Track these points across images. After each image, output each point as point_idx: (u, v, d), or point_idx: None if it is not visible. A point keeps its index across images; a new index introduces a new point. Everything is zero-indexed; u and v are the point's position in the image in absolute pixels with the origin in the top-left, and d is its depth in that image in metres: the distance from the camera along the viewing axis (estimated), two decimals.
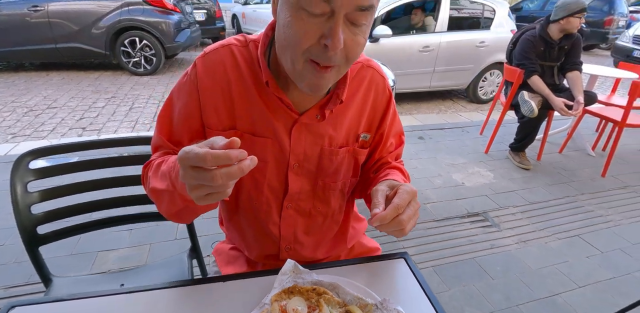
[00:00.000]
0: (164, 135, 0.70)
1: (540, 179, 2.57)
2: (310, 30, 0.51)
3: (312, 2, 0.48)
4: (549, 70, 2.63)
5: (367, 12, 0.51)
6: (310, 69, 0.54)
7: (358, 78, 0.71)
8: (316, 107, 0.67)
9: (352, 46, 0.53)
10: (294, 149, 0.69)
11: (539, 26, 2.55)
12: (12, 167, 0.92)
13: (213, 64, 0.65)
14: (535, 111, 2.49)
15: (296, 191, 0.74)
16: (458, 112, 4.20)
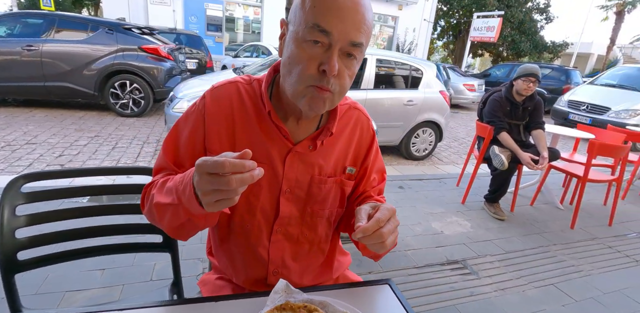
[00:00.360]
0: (169, 158, 0.75)
1: (515, 229, 2.66)
2: (311, 59, 0.61)
3: (314, 35, 0.60)
4: (516, 128, 2.88)
5: (358, 48, 0.62)
6: (310, 90, 0.64)
7: (346, 117, 0.81)
8: (309, 139, 0.75)
9: (343, 76, 0.64)
10: (287, 175, 0.75)
11: (504, 89, 2.86)
12: (4, 189, 0.91)
13: (220, 96, 0.74)
14: (505, 164, 2.67)
15: (286, 215, 0.79)
16: (435, 164, 4.40)
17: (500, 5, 16.65)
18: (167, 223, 0.66)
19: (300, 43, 0.62)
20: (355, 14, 0.60)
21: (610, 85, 7.34)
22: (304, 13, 0.61)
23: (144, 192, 0.74)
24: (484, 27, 13.44)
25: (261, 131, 0.74)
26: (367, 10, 0.62)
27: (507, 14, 16.45)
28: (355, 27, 0.60)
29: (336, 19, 0.59)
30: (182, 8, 11.70)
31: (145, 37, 5.38)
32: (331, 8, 0.59)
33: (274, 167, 0.74)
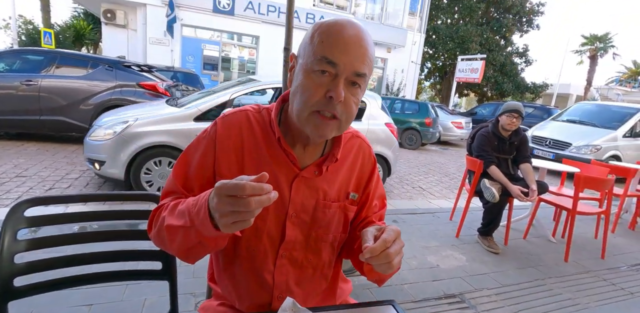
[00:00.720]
0: (179, 181, 0.78)
1: (510, 263, 2.64)
2: (319, 87, 0.67)
3: (322, 65, 0.66)
4: (504, 162, 2.98)
5: (362, 78, 0.69)
6: (315, 118, 0.69)
7: (349, 144, 0.86)
8: (314, 164, 0.79)
9: (349, 102, 0.69)
10: (293, 199, 0.78)
11: (491, 124, 3.00)
12: (7, 213, 0.91)
13: (230, 123, 0.79)
14: (496, 196, 2.73)
15: (292, 240, 0.80)
16: (428, 199, 4.43)
17: (483, 49, 17.81)
18: (178, 245, 0.67)
19: (309, 73, 0.68)
20: (358, 48, 0.67)
21: (572, 121, 7.56)
22: (312, 47, 0.67)
23: (152, 215, 0.76)
24: (468, 69, 14.24)
25: (269, 157, 0.77)
26: (369, 45, 0.69)
27: (489, 57, 17.55)
28: (359, 59, 0.67)
29: (342, 52, 0.66)
30: (179, 48, 12.21)
31: (144, 74, 5.57)
32: (338, 43, 0.66)
33: (281, 191, 0.77)
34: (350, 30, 0.67)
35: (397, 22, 16.41)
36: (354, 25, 0.69)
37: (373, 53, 0.71)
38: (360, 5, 15.81)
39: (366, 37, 0.69)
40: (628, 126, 6.81)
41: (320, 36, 0.67)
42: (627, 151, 6.69)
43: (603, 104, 8.55)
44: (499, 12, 19.78)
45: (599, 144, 6.48)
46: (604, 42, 25.21)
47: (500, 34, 19.62)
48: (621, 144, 6.68)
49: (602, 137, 6.59)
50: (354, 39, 0.67)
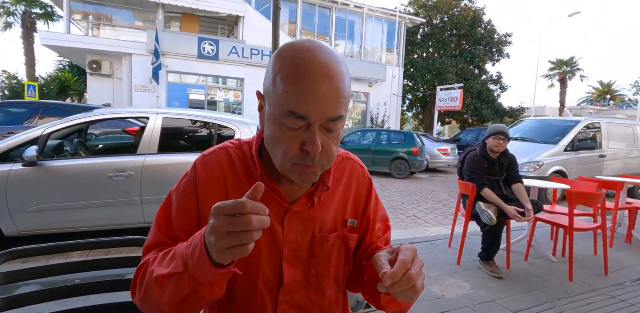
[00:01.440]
0: (162, 232, 0.71)
1: (516, 287, 2.56)
2: (292, 141, 0.61)
3: (292, 121, 0.59)
4: (496, 183, 3.00)
5: (339, 121, 0.62)
6: (297, 169, 0.64)
7: (340, 169, 0.81)
8: (305, 196, 0.73)
9: (329, 148, 0.63)
10: (287, 237, 0.72)
11: (479, 148, 3.06)
12: None
13: (211, 163, 0.73)
14: (493, 219, 2.70)
15: (291, 282, 0.73)
16: (423, 227, 4.37)
17: (459, 79, 18.70)
18: (168, 299, 0.59)
19: (279, 125, 0.61)
20: (329, 93, 0.58)
21: (515, 139, 7.15)
22: (277, 97, 0.60)
23: (136, 277, 0.67)
24: (447, 98, 14.82)
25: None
26: (341, 81, 0.60)
27: (466, 86, 18.38)
28: (332, 104, 0.59)
29: (311, 103, 0.58)
30: (165, 94, 12.46)
31: (130, 119, 5.59)
32: (304, 93, 0.57)
33: (273, 231, 0.71)
34: (316, 67, 0.58)
35: (376, 58, 17.26)
36: (321, 58, 0.59)
37: (348, 85, 0.62)
38: (340, 45, 16.67)
39: (337, 69, 0.60)
40: (568, 140, 6.53)
41: (283, 83, 0.59)
42: (572, 166, 6.44)
43: (544, 119, 8.32)
44: (470, 45, 21.05)
45: (540, 160, 6.18)
46: (570, 66, 26.81)
47: (474, 64, 20.74)
48: (564, 158, 6.39)
49: (543, 152, 6.31)
50: (322, 79, 0.58)
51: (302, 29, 15.43)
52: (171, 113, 3.45)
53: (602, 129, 6.99)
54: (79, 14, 14.04)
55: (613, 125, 7.25)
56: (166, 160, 3.21)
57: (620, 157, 7.14)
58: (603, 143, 6.91)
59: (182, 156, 3.32)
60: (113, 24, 14.37)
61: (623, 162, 7.16)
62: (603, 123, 7.09)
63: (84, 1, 13.28)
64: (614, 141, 7.07)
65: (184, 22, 14.05)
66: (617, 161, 7.05)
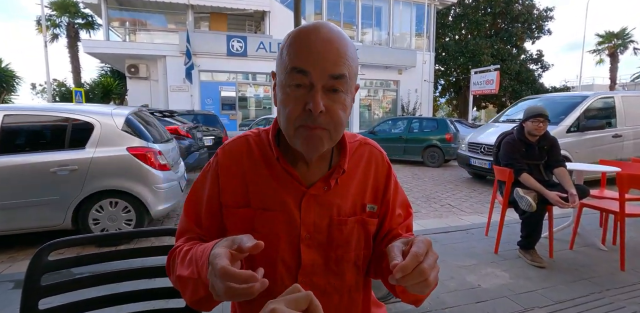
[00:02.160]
0: (190, 219, 0.77)
1: (559, 277, 2.43)
2: (296, 100, 0.64)
3: (294, 78, 0.63)
4: (536, 168, 2.84)
5: (341, 80, 0.64)
6: (301, 130, 0.65)
7: (358, 153, 0.81)
8: (322, 180, 0.74)
9: (333, 110, 0.64)
10: (304, 220, 0.73)
11: (515, 131, 2.90)
12: (31, 259, 0.94)
13: (231, 151, 0.78)
14: (533, 205, 2.57)
15: (309, 264, 0.74)
16: (458, 216, 4.25)
17: (495, 60, 17.77)
18: (189, 296, 0.66)
19: (285, 89, 0.65)
20: (330, 50, 0.62)
21: (512, 121, 6.41)
22: (282, 61, 0.65)
23: (169, 259, 0.75)
24: (482, 81, 14.14)
25: (272, 179, 0.74)
26: (342, 44, 0.64)
27: (503, 67, 17.44)
28: (333, 61, 0.62)
29: (312, 58, 0.61)
30: (198, 92, 12.88)
31: (167, 119, 5.85)
32: (304, 49, 0.62)
33: (290, 213, 0.73)
34: (317, 33, 0.63)
35: (405, 44, 16.79)
36: (323, 27, 0.65)
37: (352, 51, 0.66)
38: (367, 33, 16.35)
39: (338, 35, 0.65)
40: (572, 119, 5.59)
41: (288, 48, 0.64)
42: (577, 148, 5.53)
43: (549, 95, 7.29)
44: (506, 23, 19.90)
45: None
46: (621, 38, 24.55)
47: (511, 43, 19.62)
48: (567, 141, 5.47)
49: None
50: (322, 41, 0.62)
51: (327, 18, 15.27)
52: (14, 109, 3.13)
53: (617, 104, 5.96)
54: (116, 21, 14.76)
55: (632, 100, 6.12)
56: (9, 162, 2.92)
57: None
58: (618, 121, 5.91)
59: (29, 156, 3.00)
60: (147, 28, 14.99)
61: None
62: (617, 97, 6.04)
63: (119, 8, 13.93)
64: (633, 118, 6.00)
65: (213, 21, 14.37)
66: (637, 141, 6.00)
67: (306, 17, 14.75)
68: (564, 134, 5.49)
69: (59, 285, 0.95)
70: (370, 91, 16.52)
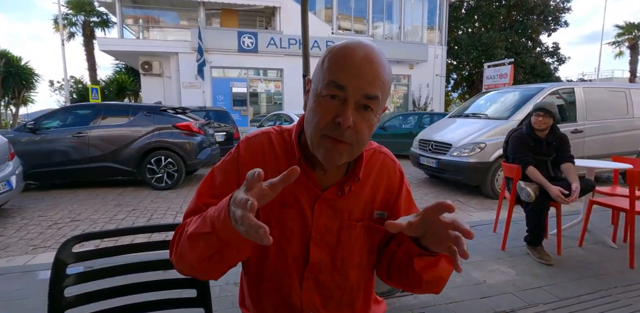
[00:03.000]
0: (202, 200, 0.76)
1: (566, 274, 2.44)
2: (328, 111, 0.66)
3: (331, 89, 0.65)
4: (543, 164, 2.84)
5: (374, 100, 0.66)
6: (325, 141, 0.68)
7: (371, 161, 0.84)
8: (337, 185, 0.78)
9: (360, 127, 0.67)
10: (316, 221, 0.77)
11: (525, 126, 2.93)
12: (57, 250, 1.02)
13: (253, 145, 0.80)
14: (532, 195, 2.62)
15: (316, 262, 0.79)
16: (468, 212, 4.25)
17: (509, 54, 17.41)
18: (198, 255, 0.64)
19: (318, 98, 0.68)
20: (368, 71, 0.65)
21: (465, 115, 5.98)
22: (322, 72, 0.67)
23: (173, 237, 0.75)
24: (496, 75, 13.89)
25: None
26: (381, 66, 0.67)
27: (518, 61, 17.08)
28: (369, 82, 0.65)
29: (351, 75, 0.64)
30: (210, 89, 13.01)
31: (179, 115, 5.97)
32: (346, 66, 0.65)
33: (303, 213, 0.77)
34: (359, 52, 0.66)
35: (416, 38, 16.59)
36: (365, 46, 0.67)
37: (388, 73, 0.68)
38: (379, 27, 16.21)
39: (378, 57, 0.67)
40: (522, 114, 4.95)
41: (329, 61, 0.67)
42: None
43: (507, 88, 6.60)
44: (521, 15, 19.45)
45: (483, 140, 4.89)
46: None
47: (526, 35, 19.18)
48: None
49: (488, 131, 4.98)
50: (363, 60, 0.65)
51: (338, 13, 15.18)
52: None
53: (577, 96, 5.37)
54: (130, 18, 14.96)
55: (594, 91, 5.51)
56: None
57: (606, 131, 5.41)
58: (578, 114, 5.29)
59: None
60: (160, 25, 15.15)
61: (609, 138, 5.42)
62: (578, 89, 5.44)
63: (133, 6, 14.10)
64: (596, 111, 5.38)
65: (224, 18, 14.44)
66: (600, 137, 5.35)
67: (316, 12, 14.71)
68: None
69: (83, 274, 1.03)
70: None
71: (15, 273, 2.47)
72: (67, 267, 1.01)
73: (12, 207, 4.56)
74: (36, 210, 4.41)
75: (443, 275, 0.73)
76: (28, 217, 4.08)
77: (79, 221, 3.90)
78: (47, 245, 3.23)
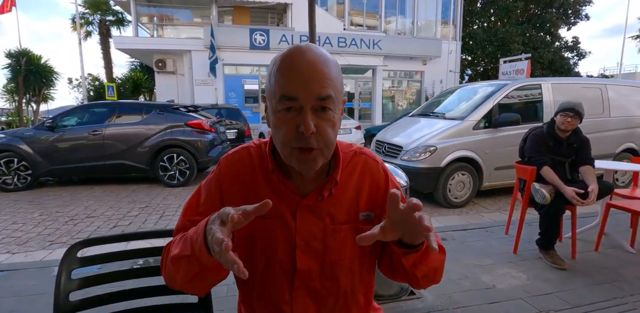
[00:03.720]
0: (187, 217, 0.80)
1: (580, 280, 2.38)
2: (288, 124, 0.68)
3: (284, 103, 0.67)
4: (561, 166, 2.75)
5: (328, 100, 0.68)
6: (295, 153, 0.70)
7: (352, 163, 0.83)
8: (316, 190, 0.78)
9: (323, 129, 0.68)
10: (299, 228, 0.78)
11: (546, 125, 2.82)
12: (63, 255, 1.03)
13: (233, 161, 0.83)
14: (547, 197, 2.53)
15: (305, 269, 0.78)
16: (480, 213, 4.18)
17: (526, 49, 16.96)
18: (182, 276, 0.68)
19: (276, 114, 0.69)
20: (315, 74, 0.66)
21: (425, 114, 5.55)
22: (272, 88, 0.69)
23: (162, 255, 0.78)
24: (512, 70, 13.55)
25: (270, 189, 0.78)
26: (326, 66, 0.68)
27: (535, 56, 16.64)
28: (319, 84, 0.66)
29: (299, 84, 0.66)
30: (222, 86, 13.10)
31: (191, 114, 6.03)
32: (292, 77, 0.66)
33: (286, 222, 0.78)
34: (301, 58, 0.67)
35: (430, 33, 16.33)
36: (306, 51, 0.68)
37: (335, 70, 0.70)
38: (391, 23, 16.01)
39: (320, 58, 0.68)
40: (480, 113, 4.52)
41: (275, 75, 0.68)
42: (487, 148, 4.50)
43: (468, 85, 5.96)
44: (539, 8, 18.91)
45: (433, 143, 4.38)
46: None
47: (544, 30, 18.66)
48: (472, 139, 4.47)
49: (441, 133, 4.50)
50: (306, 65, 0.66)
51: (350, 9, 15.04)
52: None
53: (545, 93, 4.87)
54: (145, 16, 15.14)
55: (563, 88, 5.01)
56: None
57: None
58: (545, 114, 4.79)
59: None
60: (174, 23, 15.29)
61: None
62: (546, 85, 4.92)
63: (147, 4, 14.26)
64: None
65: (236, 15, 14.48)
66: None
67: (328, 8, 14.60)
68: (470, 131, 4.49)
69: (86, 279, 1.05)
70: (394, 82, 16.25)
71: (33, 269, 2.55)
72: (71, 271, 1.03)
73: (31, 203, 4.70)
74: (54, 206, 4.53)
75: (435, 266, 0.75)
76: (46, 213, 4.20)
77: (94, 217, 3.99)
78: (62, 240, 3.32)
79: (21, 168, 5.40)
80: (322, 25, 11.86)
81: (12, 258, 2.83)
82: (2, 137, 5.52)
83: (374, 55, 14.20)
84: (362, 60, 13.90)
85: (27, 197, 5.04)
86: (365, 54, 14.07)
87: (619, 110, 5.30)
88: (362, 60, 13.90)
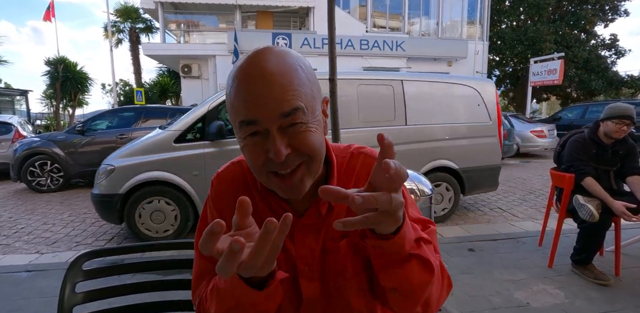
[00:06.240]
0: (205, 257, 0.72)
1: (627, 299, 2.16)
2: (256, 150, 0.59)
3: (245, 129, 0.58)
4: (605, 175, 2.51)
5: (296, 113, 0.56)
6: (274, 179, 0.61)
7: (349, 167, 0.73)
8: (314, 206, 0.69)
9: (301, 143, 0.58)
10: (299, 250, 0.69)
11: (588, 129, 2.58)
12: (68, 267, 1.00)
13: (224, 179, 0.76)
14: (595, 215, 2.29)
15: (311, 298, 0.70)
16: (510, 221, 3.96)
17: (559, 47, 16.23)
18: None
19: (242, 141, 0.61)
20: (271, 89, 0.55)
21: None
22: (231, 114, 0.61)
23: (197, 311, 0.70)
24: (543, 71, 13.04)
25: (265, 206, 0.71)
26: (286, 74, 0.57)
27: (569, 55, 15.91)
28: (278, 100, 0.56)
29: (255, 105, 0.56)
30: None
31: None
32: (246, 99, 0.56)
33: (284, 246, 0.68)
34: (254, 72, 0.56)
35: (455, 34, 15.95)
36: (260, 61, 0.57)
37: (298, 74, 0.58)
38: (415, 24, 15.75)
39: (278, 67, 0.57)
40: (186, 122, 3.43)
41: (230, 98, 0.59)
42: (195, 170, 3.31)
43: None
44: (573, 5, 18.09)
45: (110, 162, 3.40)
46: None
47: (578, 27, 17.82)
48: (168, 156, 3.31)
49: (131, 147, 3.59)
50: (260, 81, 0.56)
51: (372, 11, 14.90)
52: None
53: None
54: (173, 23, 15.61)
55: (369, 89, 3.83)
56: None
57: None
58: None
59: None
60: (200, 29, 15.67)
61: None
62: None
63: (174, 12, 14.70)
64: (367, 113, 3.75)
65: (259, 20, 14.67)
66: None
67: (350, 11, 14.52)
68: (170, 146, 3.35)
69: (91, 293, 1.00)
70: None
71: (59, 270, 2.59)
72: (75, 285, 0.99)
73: (62, 204, 4.87)
74: (82, 207, 4.67)
75: (412, 282, 0.57)
76: (75, 214, 4.33)
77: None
78: (87, 242, 3.39)
79: (54, 170, 5.64)
80: (344, 27, 11.81)
81: (40, 259, 2.90)
82: (37, 141, 5.77)
83: (397, 57, 13.98)
84: (385, 62, 13.70)
85: (59, 198, 5.23)
86: (388, 56, 13.87)
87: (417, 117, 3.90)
88: (385, 62, 13.70)
